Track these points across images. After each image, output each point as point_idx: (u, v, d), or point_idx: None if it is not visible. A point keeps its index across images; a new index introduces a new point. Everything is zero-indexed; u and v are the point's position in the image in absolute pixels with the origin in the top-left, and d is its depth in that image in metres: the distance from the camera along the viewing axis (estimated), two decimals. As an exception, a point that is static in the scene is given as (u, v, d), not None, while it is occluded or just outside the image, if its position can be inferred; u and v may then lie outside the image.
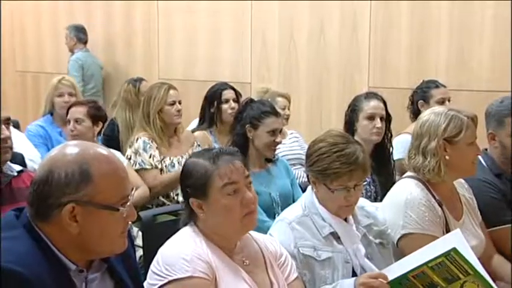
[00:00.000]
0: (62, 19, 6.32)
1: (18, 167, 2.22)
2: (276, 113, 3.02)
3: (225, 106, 3.73)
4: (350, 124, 2.99)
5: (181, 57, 5.63)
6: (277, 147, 3.03)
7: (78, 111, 3.31)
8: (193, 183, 1.73)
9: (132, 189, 1.42)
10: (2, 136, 2.08)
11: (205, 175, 1.70)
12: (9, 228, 1.36)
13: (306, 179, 3.60)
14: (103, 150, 1.41)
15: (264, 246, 1.87)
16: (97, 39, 6.14)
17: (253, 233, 1.90)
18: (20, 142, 3.16)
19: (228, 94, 3.75)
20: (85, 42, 5.95)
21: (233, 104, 3.71)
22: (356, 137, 2.69)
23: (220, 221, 1.73)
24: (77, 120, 3.29)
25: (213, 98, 3.76)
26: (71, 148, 1.38)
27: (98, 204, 1.34)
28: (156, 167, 3.21)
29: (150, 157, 3.21)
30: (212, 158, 1.72)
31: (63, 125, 4.03)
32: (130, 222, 1.43)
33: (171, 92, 3.35)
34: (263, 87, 4.04)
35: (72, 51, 5.96)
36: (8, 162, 2.17)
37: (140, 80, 4.18)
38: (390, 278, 1.85)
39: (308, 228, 2.01)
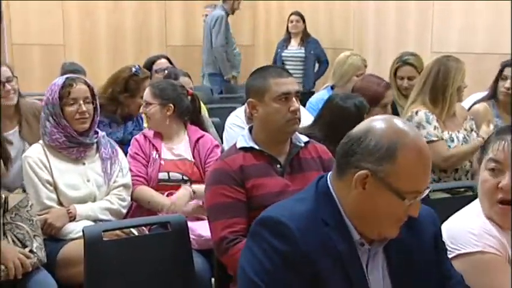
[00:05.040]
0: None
1: (305, 138, 2.33)
2: None
3: (500, 83, 3.49)
4: None
5: (458, 26, 5.32)
6: None
7: (391, 94, 3.35)
8: None
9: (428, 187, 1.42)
10: (292, 108, 2.20)
11: None
12: (305, 191, 1.49)
13: None
14: (421, 141, 1.42)
15: None
16: (366, 12, 6.19)
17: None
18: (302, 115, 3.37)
19: (508, 71, 3.46)
20: None
21: (507, 84, 3.41)
22: None
23: None
24: (385, 105, 3.31)
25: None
26: (395, 123, 1.41)
27: (388, 185, 1.37)
28: (442, 138, 3.11)
29: (434, 129, 3.12)
30: None
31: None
32: None
33: (465, 68, 3.21)
34: None
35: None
36: (297, 133, 2.30)
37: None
38: None
39: None
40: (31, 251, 2.23)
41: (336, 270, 1.38)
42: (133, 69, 3.38)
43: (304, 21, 6.34)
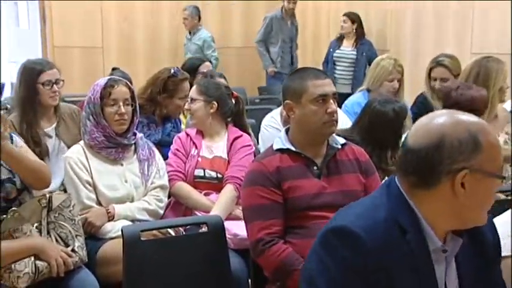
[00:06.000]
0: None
1: (342, 140, 2.32)
2: None
3: None
4: None
5: (498, 27, 5.21)
6: None
7: None
8: None
9: None
10: (329, 110, 2.19)
11: None
12: (377, 197, 1.45)
13: None
14: (478, 117, 1.41)
15: None
16: (404, 11, 6.11)
17: None
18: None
19: None
20: None
21: None
22: None
23: None
24: None
25: None
26: (455, 116, 1.39)
27: (487, 172, 1.35)
28: None
29: None
30: None
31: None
32: None
33: (507, 69, 3.18)
34: None
35: (191, 30, 6.76)
36: (334, 135, 2.30)
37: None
38: None
39: None
40: (73, 250, 2.28)
41: (412, 280, 1.36)
42: (172, 71, 3.44)
43: (354, 22, 6.23)
